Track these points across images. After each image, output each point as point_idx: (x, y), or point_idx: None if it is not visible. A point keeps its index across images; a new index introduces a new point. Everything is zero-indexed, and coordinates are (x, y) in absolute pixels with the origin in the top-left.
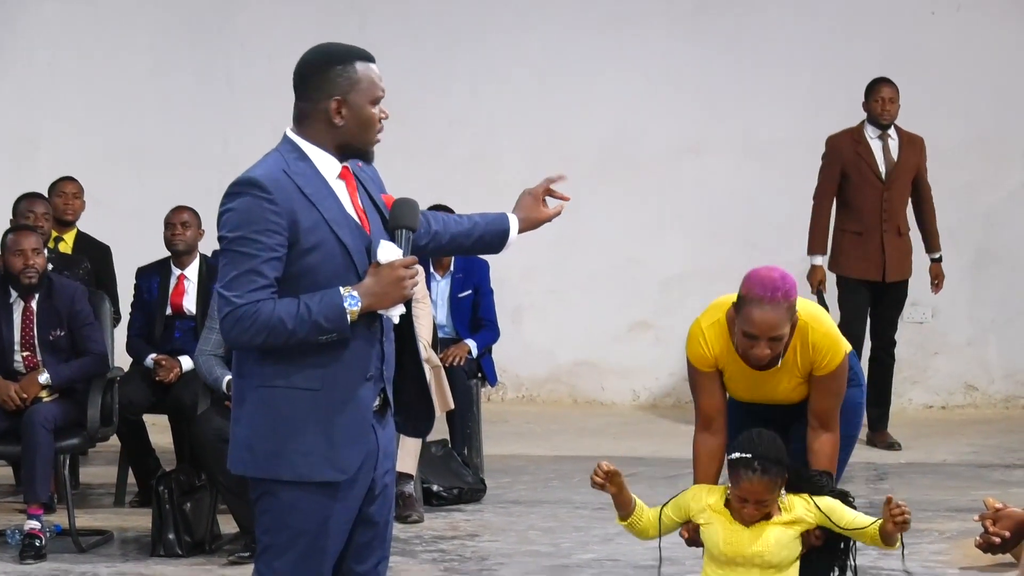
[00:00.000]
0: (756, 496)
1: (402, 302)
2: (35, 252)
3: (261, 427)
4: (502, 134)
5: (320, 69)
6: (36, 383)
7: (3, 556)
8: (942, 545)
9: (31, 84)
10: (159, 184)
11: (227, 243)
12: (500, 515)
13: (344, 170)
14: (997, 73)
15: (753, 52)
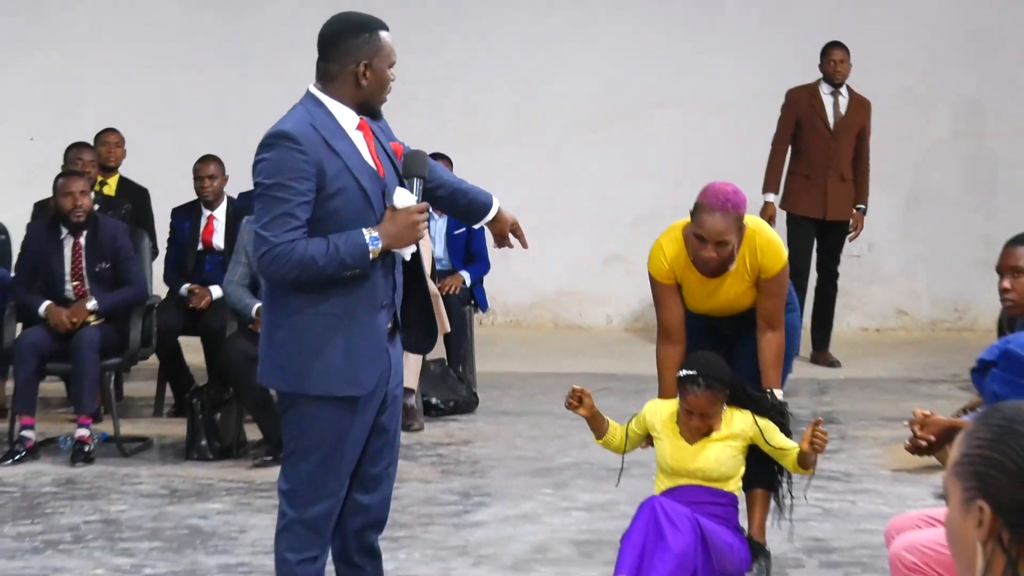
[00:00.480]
0: (700, 409)
1: (414, 241)
2: (82, 194)
3: (290, 348)
4: (490, 91)
5: (349, 36)
6: (84, 309)
7: (56, 460)
8: (876, 450)
9: (76, 46)
10: (189, 134)
11: (263, 189)
12: (490, 424)
13: (362, 122)
14: (928, 33)
15: (714, 17)
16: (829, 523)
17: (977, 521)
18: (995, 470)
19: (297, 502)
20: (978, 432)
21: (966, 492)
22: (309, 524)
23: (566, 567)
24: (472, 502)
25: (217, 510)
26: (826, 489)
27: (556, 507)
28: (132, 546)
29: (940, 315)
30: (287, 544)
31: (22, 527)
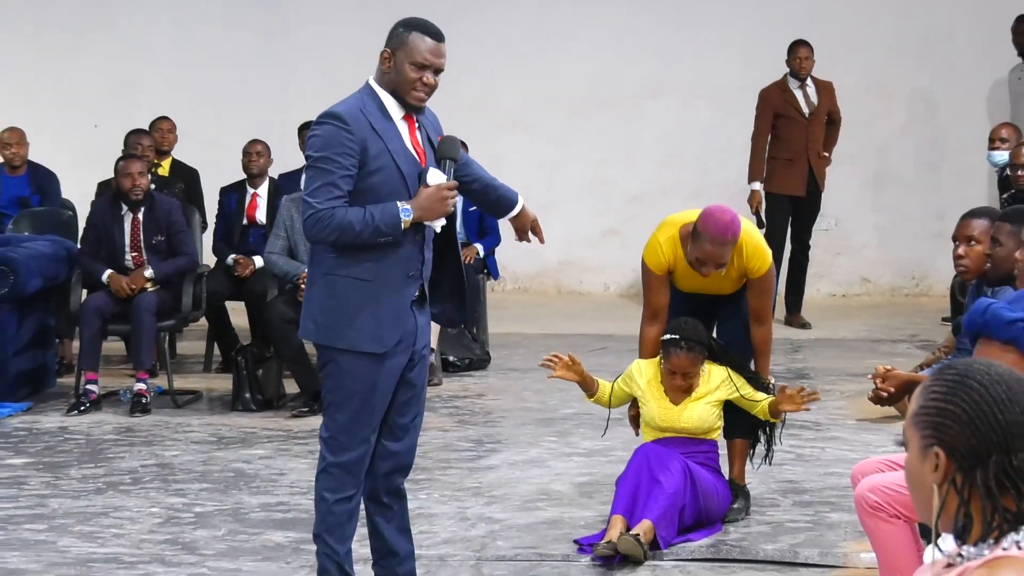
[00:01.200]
0: (683, 369)
1: (444, 216)
2: (140, 175)
3: (325, 306)
4: (501, 81)
5: (394, 29)
6: (142, 277)
7: (117, 411)
8: (843, 402)
9: (132, 41)
10: (234, 121)
11: (312, 160)
12: (501, 380)
13: (407, 115)
14: (888, 30)
15: (699, 15)
16: (801, 467)
17: (934, 466)
18: (949, 420)
19: (335, 448)
20: (934, 386)
21: (924, 440)
22: (345, 467)
23: (567, 506)
24: (485, 448)
25: (259, 455)
26: (798, 437)
27: (559, 453)
28: (184, 487)
29: (899, 282)
30: (325, 485)
31: (86, 470)
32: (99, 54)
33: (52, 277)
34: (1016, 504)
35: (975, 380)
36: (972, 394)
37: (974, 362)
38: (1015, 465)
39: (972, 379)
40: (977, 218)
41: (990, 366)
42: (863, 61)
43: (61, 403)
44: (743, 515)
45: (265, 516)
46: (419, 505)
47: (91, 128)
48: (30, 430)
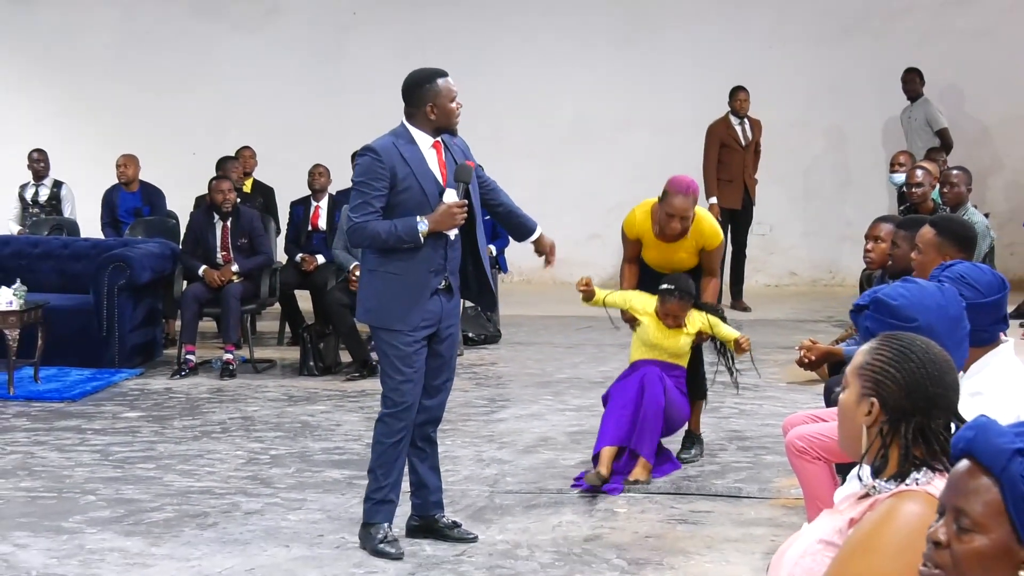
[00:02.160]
0: (675, 312)
1: (454, 227)
2: (229, 191)
3: (367, 293)
4: (504, 115)
5: (420, 86)
6: (230, 271)
7: (210, 375)
8: (776, 368)
9: (224, 87)
10: (303, 150)
11: (355, 184)
12: (509, 351)
13: (436, 143)
14: (808, 77)
15: (664, 63)
16: (743, 420)
17: (867, 411)
18: (889, 381)
19: (386, 402)
20: (881, 349)
21: (864, 389)
22: (394, 415)
23: (561, 451)
24: (496, 405)
25: (321, 410)
26: (741, 396)
27: (554, 408)
28: (262, 435)
29: (818, 275)
30: (379, 431)
31: (186, 422)
32: (197, 98)
33: (159, 271)
34: (923, 455)
35: (916, 355)
36: (912, 365)
37: (916, 339)
38: (931, 427)
39: (915, 353)
40: (883, 222)
41: (928, 345)
42: (789, 102)
43: (166, 369)
44: (699, 457)
45: (325, 458)
46: (445, 449)
47: (190, 155)
48: (142, 390)
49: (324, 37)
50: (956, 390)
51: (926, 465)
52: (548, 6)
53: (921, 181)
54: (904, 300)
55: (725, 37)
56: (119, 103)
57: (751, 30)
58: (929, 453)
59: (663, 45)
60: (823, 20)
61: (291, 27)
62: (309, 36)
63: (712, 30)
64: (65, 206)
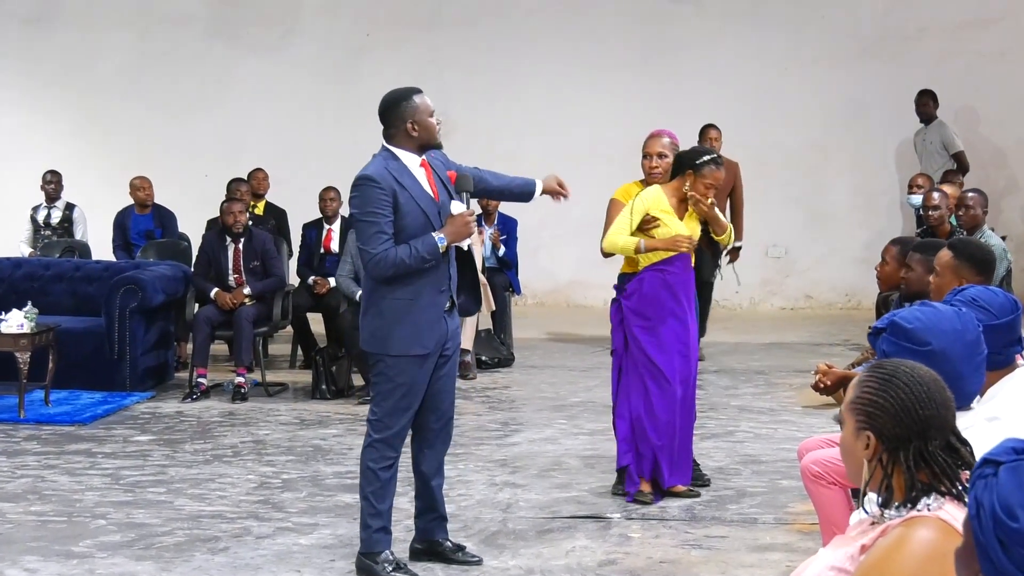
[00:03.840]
0: (718, 181)
1: (468, 236)
2: (240, 213)
3: (376, 321)
4: (519, 139)
5: (397, 105)
6: (242, 293)
7: (222, 398)
8: (791, 392)
9: (239, 110)
10: (314, 170)
11: (358, 217)
12: (523, 375)
13: (423, 162)
14: (823, 101)
15: (680, 86)
16: (758, 444)
17: (865, 445)
18: (880, 411)
19: (377, 428)
20: (868, 381)
21: (858, 424)
22: (384, 441)
23: (575, 475)
24: (509, 429)
25: (333, 434)
26: (755, 420)
27: (568, 432)
28: (274, 459)
29: (835, 299)
30: (369, 456)
31: (197, 445)
32: (211, 120)
33: (172, 293)
34: (928, 479)
35: (901, 380)
36: (899, 392)
37: (902, 363)
38: (930, 450)
39: (899, 379)
40: (893, 244)
41: (914, 368)
42: (805, 124)
43: (178, 392)
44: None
45: (337, 482)
46: (458, 473)
47: (203, 177)
48: (153, 413)
49: (338, 59)
50: (949, 407)
51: (934, 490)
52: (565, 29)
53: (938, 204)
54: (919, 324)
55: (741, 60)
56: (133, 125)
57: (767, 53)
58: (933, 477)
59: (679, 68)
60: (839, 43)
61: (305, 49)
62: (323, 58)
63: (728, 53)
64: (77, 228)
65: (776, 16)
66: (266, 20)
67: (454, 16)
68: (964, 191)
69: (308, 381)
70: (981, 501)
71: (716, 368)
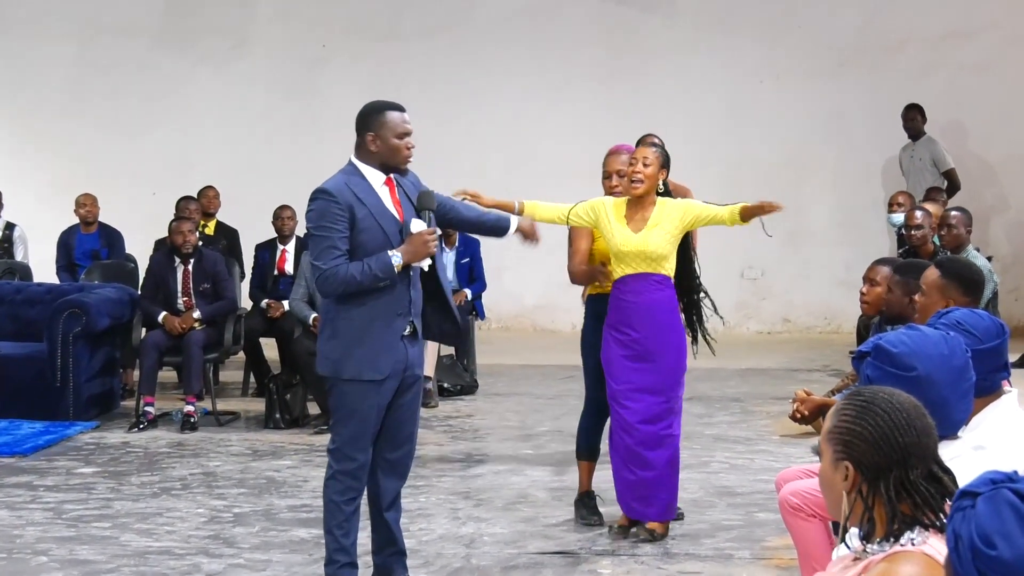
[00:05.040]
0: (642, 155)
1: (428, 256)
2: (190, 232)
3: (332, 343)
4: (489, 155)
5: (365, 116)
6: (191, 318)
7: (170, 428)
8: (768, 421)
9: (189, 125)
10: (268, 188)
11: (313, 230)
12: (487, 403)
13: (388, 179)
14: (799, 113)
15: (640, 108)
16: (734, 475)
17: (844, 476)
18: (858, 440)
19: (339, 458)
20: (845, 410)
21: (836, 454)
22: (349, 473)
23: (542, 508)
24: (473, 460)
25: (287, 465)
26: (731, 450)
27: (534, 463)
28: (225, 492)
29: (813, 322)
30: (333, 489)
31: (144, 477)
32: (158, 134)
33: (117, 317)
34: (911, 510)
35: (879, 407)
36: (877, 419)
37: (880, 390)
38: (911, 479)
39: (877, 406)
40: (881, 265)
41: (892, 395)
42: (781, 139)
43: (124, 422)
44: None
45: (292, 516)
46: (419, 506)
47: (150, 195)
48: (98, 444)
49: (293, 72)
50: (930, 434)
51: (917, 523)
52: (529, 40)
53: (921, 223)
54: (904, 348)
55: (713, 71)
56: (76, 140)
57: (741, 63)
58: (915, 507)
59: (648, 80)
60: (816, 54)
61: (258, 61)
62: (277, 70)
63: (700, 64)
64: (17, 249)
65: (750, 26)
66: (217, 30)
67: (414, 26)
68: (947, 209)
69: (261, 410)
70: (959, 533)
71: (689, 395)
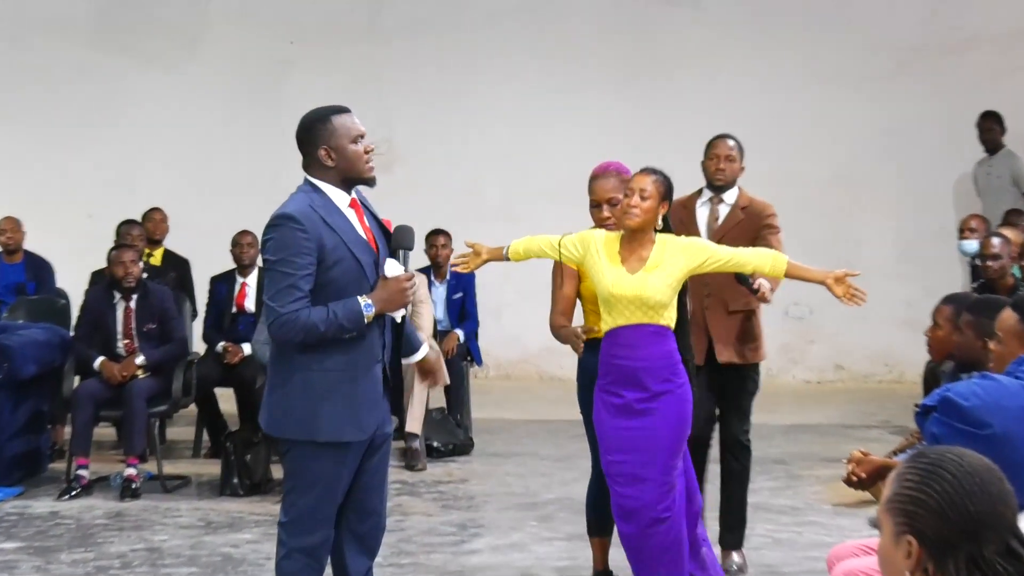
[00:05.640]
0: (639, 185)
1: (403, 307)
2: (132, 263)
3: (299, 400)
4: (485, 173)
5: (309, 130)
6: (133, 364)
7: (108, 495)
8: (818, 487)
9: (131, 137)
10: (225, 211)
11: (271, 264)
12: (484, 464)
13: (353, 200)
14: (852, 125)
15: (667, 110)
16: (779, 551)
17: (906, 553)
18: (921, 508)
19: (296, 532)
20: (907, 474)
21: (897, 527)
22: (307, 551)
23: None
24: (468, 533)
25: (247, 540)
26: (776, 521)
27: (541, 537)
28: (172, 571)
29: (872, 369)
30: (288, 570)
31: (76, 555)
32: (97, 148)
33: (46, 363)
34: None
35: (947, 470)
36: (944, 484)
37: (947, 451)
38: (986, 557)
39: (945, 469)
40: (947, 303)
41: (963, 456)
42: (827, 154)
43: (53, 488)
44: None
45: None
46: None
47: (86, 218)
48: (22, 514)
49: (255, 75)
50: (1007, 503)
51: None
52: (532, 41)
53: (998, 252)
54: (977, 400)
55: (746, 76)
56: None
57: (781, 65)
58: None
59: (671, 88)
60: (869, 56)
61: (214, 64)
62: (236, 74)
63: (729, 67)
64: None
65: (791, 24)
66: (166, 28)
67: (397, 24)
68: None
69: (216, 474)
70: None
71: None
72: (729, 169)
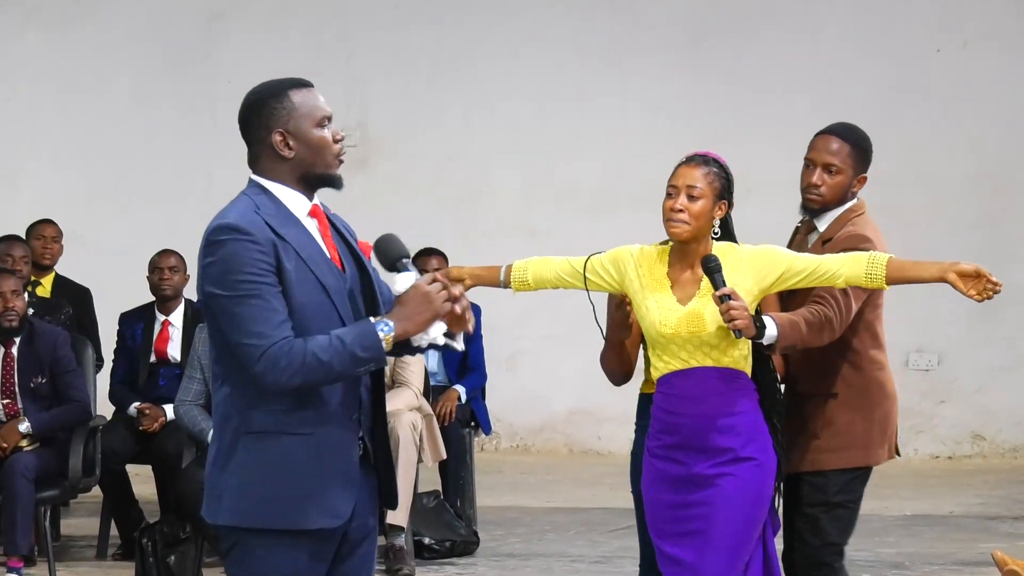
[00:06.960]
0: (686, 180)
1: (438, 318)
2: (14, 295)
3: (252, 475)
4: (496, 169)
5: (257, 109)
6: (16, 432)
7: None
8: None
9: (11, 120)
10: (142, 222)
11: (222, 294)
12: (494, 569)
13: (314, 208)
14: (1004, 107)
15: (751, 83)
16: None
17: None
18: None
19: None
20: None
21: None
22: None
23: None
24: None
25: None
26: None
27: None
28: None
29: (1022, 440)
30: None
31: None
32: None
33: None
34: None
35: None
36: None
37: None
38: None
39: None
40: None
41: None
42: (971, 148)
43: None
44: None
45: None
46: None
47: None
48: None
49: (177, 35)
50: None
51: None
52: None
53: None
54: None
55: (865, 34)
56: None
57: (908, 24)
58: None
59: (751, 47)
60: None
61: (123, 23)
62: (154, 38)
63: (838, 24)
64: None
65: None
66: None
67: None
68: None
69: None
70: None
71: None
72: (828, 185)
